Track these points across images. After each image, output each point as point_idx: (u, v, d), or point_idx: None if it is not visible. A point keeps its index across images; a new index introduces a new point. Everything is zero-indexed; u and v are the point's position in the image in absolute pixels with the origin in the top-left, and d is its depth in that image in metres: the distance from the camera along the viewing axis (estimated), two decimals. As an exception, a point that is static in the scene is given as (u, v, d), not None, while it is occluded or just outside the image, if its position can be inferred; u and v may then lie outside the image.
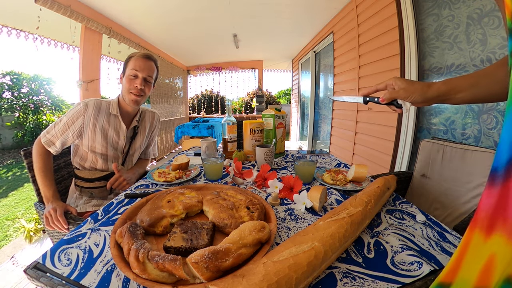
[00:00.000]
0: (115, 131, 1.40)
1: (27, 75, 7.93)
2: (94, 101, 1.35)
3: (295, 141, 7.18)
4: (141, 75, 1.36)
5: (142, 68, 1.35)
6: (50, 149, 1.29)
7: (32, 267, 0.56)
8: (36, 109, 7.68)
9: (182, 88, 7.52)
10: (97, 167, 1.40)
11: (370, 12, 2.71)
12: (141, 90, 1.37)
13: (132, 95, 1.37)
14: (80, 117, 1.30)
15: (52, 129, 1.29)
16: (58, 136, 1.29)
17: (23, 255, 2.17)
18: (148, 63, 1.38)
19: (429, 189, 1.46)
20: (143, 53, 1.39)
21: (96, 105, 1.34)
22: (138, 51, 1.42)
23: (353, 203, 0.71)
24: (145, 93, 1.40)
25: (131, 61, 1.36)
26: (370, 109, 2.79)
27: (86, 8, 3.14)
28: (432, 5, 2.00)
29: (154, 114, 1.66)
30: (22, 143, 7.28)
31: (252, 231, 0.59)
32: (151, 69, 1.40)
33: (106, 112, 1.37)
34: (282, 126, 1.58)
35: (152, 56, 1.42)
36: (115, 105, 1.41)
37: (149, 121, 1.61)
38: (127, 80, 1.36)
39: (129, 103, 1.39)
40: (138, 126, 1.53)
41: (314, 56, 5.14)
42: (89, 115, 1.31)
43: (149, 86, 1.42)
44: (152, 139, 1.70)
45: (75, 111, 1.30)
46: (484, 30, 1.56)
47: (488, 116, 1.57)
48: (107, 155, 1.39)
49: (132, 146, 1.51)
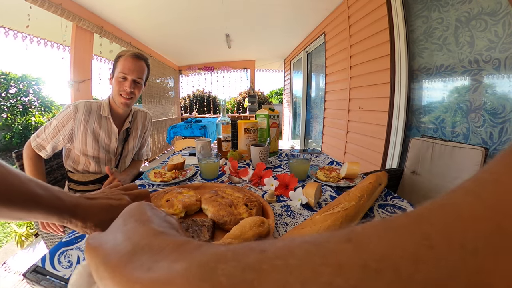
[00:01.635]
0: (107, 133, 1.38)
1: (15, 75, 7.73)
2: (84, 103, 1.32)
3: (287, 141, 7.22)
4: (131, 77, 1.31)
5: (131, 69, 1.30)
6: (40, 153, 1.26)
7: (31, 270, 0.56)
8: (25, 110, 7.50)
9: (174, 88, 7.47)
10: (90, 170, 1.38)
11: (362, 13, 2.76)
12: (131, 93, 1.33)
13: (122, 97, 1.33)
14: (70, 121, 1.27)
15: (42, 133, 1.25)
16: (48, 140, 1.25)
17: (15, 261, 2.13)
18: (138, 63, 1.33)
19: (419, 185, 1.50)
20: (133, 52, 1.32)
21: (86, 108, 1.30)
22: (128, 50, 1.35)
23: (347, 198, 0.74)
24: (135, 95, 1.37)
25: (120, 62, 1.31)
26: (361, 109, 2.84)
27: (78, 6, 3.10)
28: (422, 7, 2.05)
29: (146, 114, 1.62)
30: (11, 145, 7.10)
31: (253, 226, 0.61)
32: (141, 69, 1.35)
33: (97, 114, 1.34)
34: (275, 125, 1.60)
35: (142, 55, 1.36)
36: (106, 106, 1.36)
37: (141, 121, 1.58)
38: (116, 82, 1.32)
39: (119, 106, 1.36)
40: (131, 127, 1.50)
41: (306, 56, 5.18)
42: (79, 118, 1.28)
43: (139, 87, 1.38)
44: (145, 140, 1.67)
45: (65, 114, 1.27)
46: (472, 33, 1.62)
47: (476, 115, 1.63)
48: (100, 158, 1.37)
49: (125, 148, 1.49)
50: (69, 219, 0.46)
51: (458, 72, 1.75)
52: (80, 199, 0.48)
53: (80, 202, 0.48)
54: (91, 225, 0.48)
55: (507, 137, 1.43)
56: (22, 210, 0.41)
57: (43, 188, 0.44)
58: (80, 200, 0.48)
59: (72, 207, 0.46)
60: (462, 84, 1.73)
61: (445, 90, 1.89)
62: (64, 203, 0.45)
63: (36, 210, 0.42)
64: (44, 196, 0.43)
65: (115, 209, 0.50)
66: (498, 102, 1.49)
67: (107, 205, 0.50)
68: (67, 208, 0.45)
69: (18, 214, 0.41)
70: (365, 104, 2.78)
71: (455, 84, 1.79)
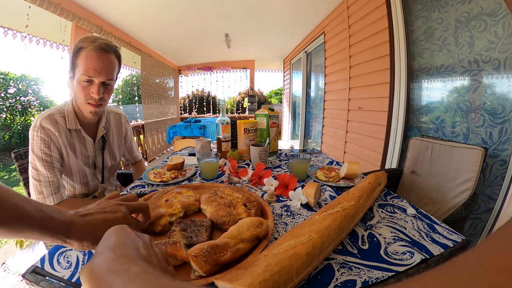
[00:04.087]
0: (83, 146, 1.18)
1: (14, 74, 7.74)
2: (46, 117, 1.05)
3: (286, 141, 7.22)
4: (98, 80, 1.03)
5: (98, 70, 1.01)
6: (63, 195, 1.08)
7: (30, 271, 0.55)
8: (24, 110, 7.51)
9: (173, 88, 7.47)
10: (77, 193, 1.21)
11: (361, 13, 2.76)
12: (101, 99, 1.07)
13: (90, 106, 1.07)
14: (50, 144, 1.05)
15: (40, 187, 1.02)
16: (54, 177, 1.05)
17: (15, 261, 2.13)
18: (106, 59, 1.03)
19: (419, 185, 1.51)
20: (97, 45, 1.00)
21: (51, 122, 1.05)
22: (89, 38, 1.01)
23: (346, 198, 0.74)
24: (106, 100, 1.11)
25: (82, 59, 0.99)
26: (360, 109, 2.84)
27: (77, 6, 3.09)
28: (421, 7, 2.06)
29: (120, 116, 1.41)
30: (10, 145, 7.09)
31: (250, 227, 0.61)
32: (110, 67, 1.06)
33: (65, 129, 1.10)
34: (275, 125, 1.60)
35: (109, 45, 1.05)
36: (72, 117, 1.11)
37: (115, 126, 1.37)
38: (79, 87, 1.03)
39: (87, 115, 1.11)
40: (106, 132, 1.29)
41: (306, 56, 5.18)
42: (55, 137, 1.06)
43: (110, 89, 1.11)
44: (131, 143, 1.50)
45: (39, 143, 1.02)
46: (472, 33, 1.62)
47: (475, 115, 1.63)
48: (86, 176, 1.20)
49: (105, 158, 1.29)
50: (63, 239, 0.46)
51: (458, 72, 1.75)
52: (74, 217, 0.48)
53: (74, 220, 0.47)
54: (88, 243, 0.48)
55: (506, 137, 1.43)
56: (13, 230, 0.41)
57: (36, 209, 0.44)
58: (74, 218, 0.48)
59: (65, 227, 0.46)
60: (462, 84, 1.73)
61: (445, 90, 1.89)
62: (57, 223, 0.45)
63: (28, 231, 0.42)
64: (36, 216, 0.43)
65: (110, 223, 0.48)
66: (497, 102, 1.49)
67: (102, 220, 0.50)
68: (60, 228, 0.45)
69: (9, 234, 0.41)
70: (365, 104, 2.78)
71: (455, 84, 1.79)
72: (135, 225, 0.57)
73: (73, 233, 0.46)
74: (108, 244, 0.33)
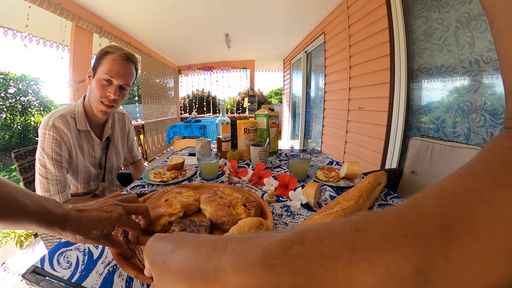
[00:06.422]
0: (90, 146, 1.22)
1: (14, 74, 7.74)
2: (58, 118, 1.09)
3: (286, 141, 7.22)
4: (117, 82, 1.11)
5: (120, 73, 1.10)
6: (68, 195, 1.10)
7: (30, 271, 0.55)
8: (24, 110, 7.51)
9: (173, 88, 7.48)
10: (79, 192, 1.24)
11: (361, 13, 2.76)
12: (114, 101, 1.14)
13: (103, 105, 1.13)
14: (62, 144, 1.08)
15: (47, 185, 1.05)
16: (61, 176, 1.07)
17: (15, 261, 2.13)
18: (128, 67, 1.14)
19: (419, 185, 1.50)
20: (124, 53, 1.12)
21: (64, 123, 1.09)
22: (116, 46, 1.15)
23: (346, 197, 0.74)
24: (118, 103, 1.18)
25: (107, 61, 1.09)
26: (360, 109, 2.84)
27: (77, 6, 3.09)
28: (421, 7, 2.05)
29: (124, 116, 1.46)
30: (10, 145, 7.10)
31: (251, 227, 0.61)
32: (130, 74, 1.16)
33: (75, 129, 1.14)
34: (275, 125, 1.60)
35: (133, 57, 1.17)
36: (82, 118, 1.16)
37: (120, 125, 1.42)
38: (98, 85, 1.11)
39: (97, 113, 1.16)
40: (112, 133, 1.34)
41: (306, 56, 5.18)
42: (65, 134, 1.10)
43: (124, 95, 1.19)
44: (132, 142, 1.55)
45: (51, 142, 1.05)
46: (472, 34, 1.62)
47: (476, 115, 1.63)
48: (90, 175, 1.24)
49: (108, 158, 1.33)
50: (59, 231, 0.48)
51: (459, 73, 1.75)
52: (70, 211, 0.50)
53: (70, 214, 0.50)
54: (80, 237, 0.50)
55: (507, 137, 1.43)
56: (14, 222, 0.45)
57: (35, 202, 0.47)
58: (71, 212, 0.50)
59: (62, 220, 0.48)
60: (463, 84, 1.73)
61: (445, 91, 1.89)
62: (54, 216, 0.48)
63: (27, 222, 0.46)
64: (34, 209, 0.46)
65: (104, 221, 0.52)
66: (498, 103, 1.49)
67: (97, 218, 0.52)
68: (57, 220, 0.48)
69: (9, 225, 0.45)
70: (365, 104, 2.78)
71: (456, 84, 1.79)
72: (131, 226, 0.58)
73: (68, 226, 0.49)
74: (166, 251, 0.27)
